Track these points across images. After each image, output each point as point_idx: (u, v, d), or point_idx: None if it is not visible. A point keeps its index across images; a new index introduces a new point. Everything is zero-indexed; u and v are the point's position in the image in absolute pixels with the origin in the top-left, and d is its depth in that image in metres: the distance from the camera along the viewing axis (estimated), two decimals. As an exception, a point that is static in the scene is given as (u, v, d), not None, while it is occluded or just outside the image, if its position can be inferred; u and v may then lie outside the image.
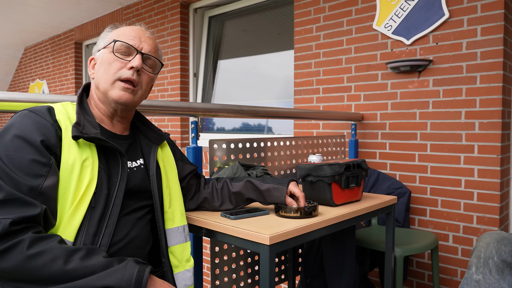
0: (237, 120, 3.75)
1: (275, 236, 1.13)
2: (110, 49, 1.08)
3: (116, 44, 1.07)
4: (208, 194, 1.39)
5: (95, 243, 0.97)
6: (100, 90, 1.08)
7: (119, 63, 1.06)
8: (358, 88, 2.63)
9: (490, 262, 1.08)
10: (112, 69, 1.05)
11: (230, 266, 1.83)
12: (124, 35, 1.09)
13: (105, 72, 1.06)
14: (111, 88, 1.06)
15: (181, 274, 1.18)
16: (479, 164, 2.17)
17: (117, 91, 1.06)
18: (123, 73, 1.06)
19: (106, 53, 1.08)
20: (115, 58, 1.06)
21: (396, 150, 2.47)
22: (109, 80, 1.06)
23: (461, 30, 2.22)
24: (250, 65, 3.69)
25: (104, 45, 1.10)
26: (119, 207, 1.03)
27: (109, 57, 1.07)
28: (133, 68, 1.06)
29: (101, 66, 1.08)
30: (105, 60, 1.07)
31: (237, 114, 1.83)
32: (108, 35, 1.12)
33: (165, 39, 3.99)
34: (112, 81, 1.06)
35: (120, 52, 1.07)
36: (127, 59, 1.07)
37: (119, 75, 1.05)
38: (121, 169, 1.06)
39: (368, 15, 2.58)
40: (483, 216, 2.16)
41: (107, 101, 1.09)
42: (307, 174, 1.53)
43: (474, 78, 2.18)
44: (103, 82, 1.06)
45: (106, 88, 1.06)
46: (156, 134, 1.25)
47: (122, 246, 1.03)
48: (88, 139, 1.00)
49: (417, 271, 2.41)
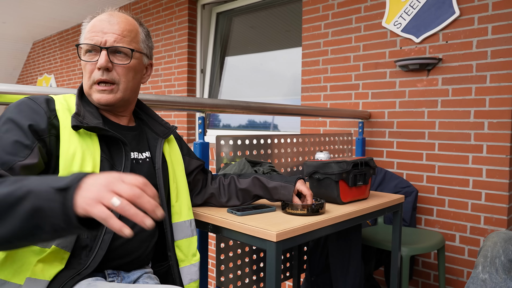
0: (243, 117, 3.75)
1: (282, 233, 1.12)
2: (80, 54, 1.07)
3: (80, 49, 1.06)
4: (215, 190, 1.39)
5: (98, 237, 0.98)
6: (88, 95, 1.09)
7: (90, 65, 1.05)
8: (366, 86, 2.62)
9: (497, 262, 1.07)
10: (87, 74, 1.06)
11: (235, 263, 1.83)
12: (88, 32, 1.06)
13: (84, 77, 1.07)
14: (91, 92, 1.06)
15: (187, 268, 1.18)
16: (487, 164, 2.15)
17: (96, 95, 1.06)
18: (95, 75, 1.04)
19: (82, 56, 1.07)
20: (85, 62, 1.06)
21: (404, 149, 2.46)
22: (87, 85, 1.06)
23: (471, 28, 2.20)
24: (257, 62, 3.68)
25: None
26: None
27: (82, 62, 1.07)
28: (100, 69, 1.04)
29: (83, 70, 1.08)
30: (82, 65, 1.08)
31: (244, 110, 1.82)
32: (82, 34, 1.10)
33: (172, 35, 3.99)
34: (90, 85, 1.06)
35: (88, 54, 1.05)
36: (95, 59, 1.04)
37: (92, 79, 1.05)
38: (124, 158, 1.06)
39: (377, 13, 2.56)
40: (490, 217, 2.14)
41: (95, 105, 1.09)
42: (314, 172, 1.52)
43: (484, 77, 2.16)
44: (86, 87, 1.08)
45: (88, 92, 1.07)
46: (163, 127, 1.24)
47: (127, 240, 1.03)
48: (89, 129, 1.00)
49: (423, 270, 2.40)
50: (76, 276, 0.95)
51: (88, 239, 0.98)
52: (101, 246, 0.98)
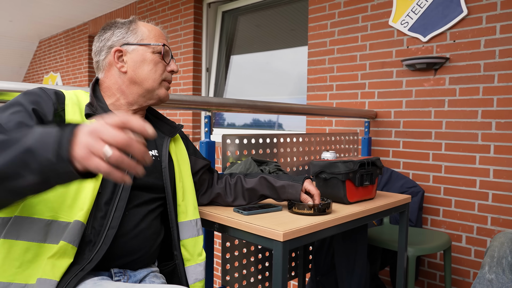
0: (248, 116, 3.74)
1: (289, 233, 1.12)
2: (155, 51, 1.14)
3: (164, 49, 1.16)
4: (221, 189, 1.39)
5: (101, 232, 0.98)
6: (144, 87, 1.14)
7: (163, 65, 1.16)
8: (372, 85, 2.60)
9: (503, 262, 1.06)
10: (159, 71, 1.16)
11: (240, 262, 1.83)
12: (160, 37, 1.17)
13: (153, 72, 1.14)
14: (158, 87, 1.16)
15: (192, 267, 1.18)
16: (495, 164, 2.13)
17: (164, 91, 1.18)
18: (167, 76, 1.18)
19: (149, 52, 1.14)
20: (160, 60, 1.15)
21: (410, 149, 2.44)
22: (157, 80, 1.15)
23: (479, 27, 2.18)
24: (263, 60, 3.67)
25: (139, 41, 1.13)
26: (126, 199, 1.03)
27: (154, 59, 1.14)
28: (172, 72, 1.20)
29: (144, 65, 1.13)
30: (151, 60, 1.14)
31: (250, 109, 1.82)
32: (138, 31, 1.14)
33: (178, 34, 3.99)
34: (160, 81, 1.16)
35: (163, 55, 1.16)
36: (166, 62, 1.18)
37: (164, 77, 1.17)
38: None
39: (384, 12, 2.54)
40: (498, 218, 2.12)
41: (149, 96, 1.15)
42: (321, 171, 1.51)
43: (492, 77, 2.14)
44: (151, 81, 1.14)
45: (155, 86, 1.15)
46: (169, 126, 1.25)
47: (132, 237, 1.04)
48: None
49: (428, 271, 2.39)
50: (80, 272, 0.95)
51: (92, 234, 0.98)
52: (104, 241, 0.99)
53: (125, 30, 1.13)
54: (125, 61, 1.12)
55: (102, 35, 1.15)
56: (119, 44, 1.12)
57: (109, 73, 1.14)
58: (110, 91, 1.14)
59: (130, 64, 1.12)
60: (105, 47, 1.14)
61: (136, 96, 1.14)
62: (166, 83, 1.18)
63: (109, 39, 1.14)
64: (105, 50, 1.14)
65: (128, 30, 1.13)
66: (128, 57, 1.12)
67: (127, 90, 1.13)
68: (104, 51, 1.14)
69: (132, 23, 1.15)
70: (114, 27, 1.15)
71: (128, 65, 1.12)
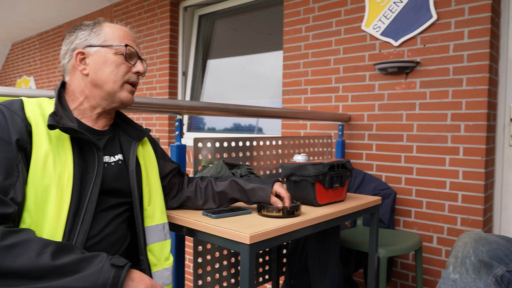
0: (228, 121, 3.73)
1: (256, 236, 1.11)
2: (118, 52, 1.11)
3: (127, 49, 1.13)
4: (191, 192, 1.38)
5: (71, 240, 0.96)
6: (105, 89, 1.11)
7: (126, 66, 1.13)
8: (346, 89, 2.63)
9: (467, 262, 1.08)
10: (121, 72, 1.12)
11: (213, 266, 1.81)
12: (125, 38, 1.14)
13: (114, 74, 1.11)
14: (120, 90, 1.13)
15: (159, 272, 1.16)
16: (464, 166, 2.18)
17: (126, 94, 1.14)
18: (131, 77, 1.15)
19: (111, 54, 1.11)
20: (123, 61, 1.12)
21: (383, 152, 2.48)
22: (118, 82, 1.12)
23: (448, 32, 2.23)
24: (241, 65, 3.67)
25: (101, 43, 1.11)
26: (95, 203, 1.01)
27: (117, 60, 1.11)
28: (138, 73, 1.16)
29: (105, 66, 1.10)
30: (112, 62, 1.11)
31: (222, 112, 1.81)
32: (102, 32, 1.12)
33: (154, 37, 3.96)
34: (122, 83, 1.13)
35: (127, 56, 1.13)
36: (131, 63, 1.14)
37: (127, 78, 1.14)
38: (97, 164, 1.05)
39: (357, 16, 2.58)
40: (467, 218, 2.17)
41: (111, 99, 1.13)
42: (291, 174, 1.52)
43: (461, 81, 2.19)
44: (112, 83, 1.11)
45: (116, 89, 1.12)
46: (137, 130, 1.24)
47: (96, 242, 1.02)
48: (64, 130, 0.99)
49: (401, 272, 2.42)
50: None
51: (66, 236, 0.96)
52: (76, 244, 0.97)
53: (88, 32, 1.12)
54: (87, 63, 1.10)
55: (68, 38, 1.14)
56: (82, 46, 1.11)
57: (73, 76, 1.12)
58: (74, 95, 1.12)
59: (91, 66, 1.10)
60: (69, 50, 1.12)
61: (99, 99, 1.12)
62: (128, 86, 1.15)
63: (72, 41, 1.12)
64: (69, 53, 1.12)
65: (91, 32, 1.11)
66: (90, 59, 1.10)
67: (89, 93, 1.11)
68: (68, 54, 1.13)
69: (96, 25, 1.13)
70: (79, 30, 1.13)
71: (89, 67, 1.10)
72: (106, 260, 0.88)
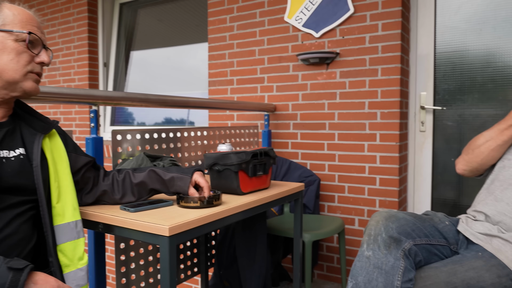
0: (159, 114, 3.60)
1: (175, 227, 1.08)
2: (19, 39, 1.02)
3: (30, 37, 1.03)
4: (108, 186, 1.30)
5: None
6: (4, 78, 1.01)
7: (28, 55, 1.04)
8: (271, 79, 2.67)
9: (379, 239, 1.15)
10: (22, 61, 1.03)
11: (137, 263, 1.75)
12: (28, 23, 1.03)
13: (14, 62, 1.02)
14: (23, 79, 1.04)
15: (72, 273, 1.09)
16: (380, 151, 2.31)
17: (31, 83, 1.06)
18: (34, 67, 1.06)
19: (10, 40, 1.00)
20: (25, 50, 1.03)
21: (307, 140, 2.55)
22: (20, 71, 1.03)
23: (364, 25, 2.34)
24: (167, 56, 3.56)
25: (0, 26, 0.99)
26: None
27: (17, 47, 1.02)
28: (42, 63, 1.08)
29: (3, 54, 1.00)
30: (12, 49, 1.01)
31: (142, 103, 1.74)
32: (1, 15, 1.00)
33: (71, 25, 3.70)
34: (25, 72, 1.04)
35: (30, 44, 1.04)
36: (34, 52, 1.05)
37: (31, 68, 1.05)
38: None
39: (279, 8, 2.61)
40: (384, 200, 2.31)
41: (10, 89, 1.03)
42: (214, 163, 1.50)
43: (376, 71, 2.31)
44: (12, 72, 1.02)
45: (17, 79, 1.03)
46: (42, 122, 1.13)
47: None
48: None
49: (327, 255, 2.52)
50: None
51: None
52: None
53: None
54: None
55: None
56: None
57: None
58: None
59: None
60: None
61: None
62: (33, 75, 1.06)
63: None
64: None
65: None
66: None
67: None
68: None
69: (3, 6, 1.02)
70: None
71: None
72: (2, 264, 0.80)
